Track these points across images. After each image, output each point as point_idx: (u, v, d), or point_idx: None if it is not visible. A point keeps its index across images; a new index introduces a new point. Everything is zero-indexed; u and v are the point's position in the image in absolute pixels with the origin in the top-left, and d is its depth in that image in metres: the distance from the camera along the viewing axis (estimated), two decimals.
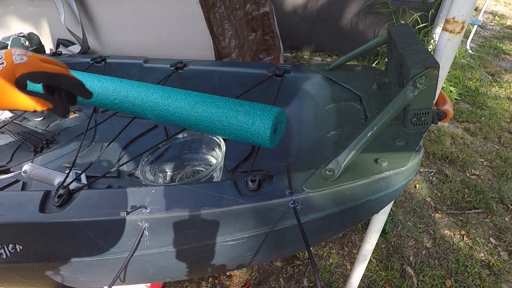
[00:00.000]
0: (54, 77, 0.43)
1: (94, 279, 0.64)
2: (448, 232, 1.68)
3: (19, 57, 0.42)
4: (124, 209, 0.54)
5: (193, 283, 1.45)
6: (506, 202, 1.82)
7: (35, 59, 0.44)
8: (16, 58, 0.42)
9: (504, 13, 4.74)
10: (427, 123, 0.62)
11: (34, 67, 0.42)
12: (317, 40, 3.42)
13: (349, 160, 0.55)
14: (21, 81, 0.42)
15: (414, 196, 1.89)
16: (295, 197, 0.53)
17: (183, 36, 1.41)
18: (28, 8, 1.54)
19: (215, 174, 0.77)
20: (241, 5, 1.76)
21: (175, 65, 1.08)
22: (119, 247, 0.56)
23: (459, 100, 2.72)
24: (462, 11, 0.56)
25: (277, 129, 0.63)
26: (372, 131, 0.56)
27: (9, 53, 0.43)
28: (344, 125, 0.71)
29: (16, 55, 0.43)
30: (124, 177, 0.95)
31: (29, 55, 0.44)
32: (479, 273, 1.48)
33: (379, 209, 0.66)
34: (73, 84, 0.44)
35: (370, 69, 0.89)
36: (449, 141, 2.30)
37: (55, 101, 0.44)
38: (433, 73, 0.56)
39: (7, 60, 0.42)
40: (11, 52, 0.43)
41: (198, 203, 0.54)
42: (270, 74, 0.96)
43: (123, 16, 1.43)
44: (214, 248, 0.57)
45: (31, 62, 0.43)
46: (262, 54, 2.05)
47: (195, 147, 0.89)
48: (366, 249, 1.04)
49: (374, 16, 3.04)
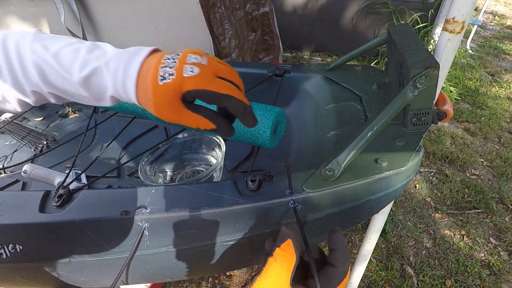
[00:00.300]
0: (220, 99, 0.37)
1: (94, 279, 0.64)
2: (448, 232, 1.68)
3: (190, 68, 0.37)
4: (124, 209, 0.54)
5: (193, 283, 1.45)
6: (506, 202, 1.82)
7: (208, 71, 0.38)
8: (186, 69, 0.37)
9: (504, 13, 4.74)
10: (427, 123, 0.62)
11: (203, 83, 0.37)
12: (317, 40, 3.42)
13: (349, 160, 0.55)
14: (187, 98, 0.38)
15: (414, 196, 1.89)
16: (295, 197, 0.53)
17: (183, 36, 1.41)
18: (28, 8, 1.53)
19: (215, 174, 0.77)
20: (241, 5, 1.76)
21: None
22: (119, 247, 0.56)
23: (459, 100, 2.72)
24: (462, 11, 0.56)
25: (277, 129, 0.63)
26: (372, 131, 0.56)
27: (183, 60, 0.37)
28: (344, 125, 0.71)
29: (188, 65, 0.37)
30: (124, 177, 0.95)
31: (204, 64, 0.38)
32: (479, 273, 1.48)
33: (379, 209, 0.66)
34: (240, 110, 0.38)
35: (370, 69, 0.89)
36: (449, 141, 2.30)
37: (220, 123, 0.40)
38: (433, 73, 0.56)
39: (177, 71, 0.37)
40: (185, 59, 0.38)
41: (198, 203, 0.54)
42: (270, 74, 0.96)
43: (123, 16, 1.43)
44: (214, 248, 0.57)
45: (201, 76, 0.37)
46: (261, 54, 2.06)
47: (195, 147, 0.89)
48: (366, 249, 1.04)
49: (374, 16, 3.04)
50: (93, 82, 0.40)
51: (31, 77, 0.41)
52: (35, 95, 0.43)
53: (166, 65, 0.37)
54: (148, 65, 0.38)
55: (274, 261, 0.37)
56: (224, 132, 0.41)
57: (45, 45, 0.40)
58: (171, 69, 0.37)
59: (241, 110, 0.38)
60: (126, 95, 0.40)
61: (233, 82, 0.39)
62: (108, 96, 0.41)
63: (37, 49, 0.40)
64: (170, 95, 0.37)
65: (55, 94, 0.43)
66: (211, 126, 0.39)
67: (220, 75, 0.39)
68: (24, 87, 0.42)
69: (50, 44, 0.41)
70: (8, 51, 0.40)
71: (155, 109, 0.38)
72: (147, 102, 0.39)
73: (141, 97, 0.39)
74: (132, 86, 0.38)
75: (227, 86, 0.38)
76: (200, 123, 0.39)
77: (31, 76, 0.41)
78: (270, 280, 0.36)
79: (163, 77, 0.37)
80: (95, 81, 0.40)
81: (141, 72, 0.38)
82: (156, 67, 0.37)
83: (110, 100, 0.42)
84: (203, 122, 0.39)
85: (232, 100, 0.37)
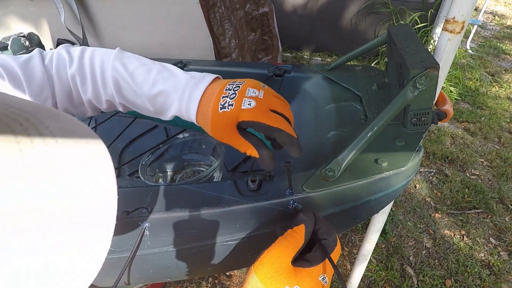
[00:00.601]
0: (271, 131, 0.42)
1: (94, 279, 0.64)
2: (448, 232, 1.68)
3: (247, 101, 0.43)
4: (125, 209, 0.54)
5: (193, 283, 1.45)
6: (506, 202, 1.82)
7: (263, 105, 0.43)
8: (244, 102, 0.43)
9: (504, 13, 4.74)
10: (427, 123, 0.62)
11: (257, 116, 0.42)
12: (317, 40, 3.42)
13: (349, 160, 0.55)
14: (241, 126, 0.43)
15: (414, 196, 1.89)
16: (295, 197, 0.53)
17: (183, 36, 1.41)
18: (28, 8, 1.54)
19: (215, 174, 0.77)
20: (241, 5, 1.76)
21: (175, 65, 1.08)
22: (120, 246, 0.56)
23: (459, 100, 2.72)
24: (462, 11, 0.56)
25: None
26: (372, 131, 0.56)
27: (242, 93, 0.43)
28: (344, 125, 0.71)
29: (247, 98, 0.43)
30: (125, 177, 0.95)
31: (260, 98, 0.43)
32: (479, 273, 1.48)
33: (379, 209, 0.66)
34: (287, 142, 0.43)
35: (370, 69, 0.89)
36: (449, 141, 2.30)
37: (263, 155, 0.44)
38: (433, 73, 0.56)
39: (236, 102, 0.43)
40: (244, 93, 0.43)
41: (199, 203, 0.54)
42: (270, 74, 0.96)
43: (123, 16, 1.43)
44: (214, 248, 0.57)
45: (257, 109, 0.42)
46: (260, 54, 2.06)
47: (195, 147, 0.89)
48: (366, 249, 1.04)
49: (374, 16, 3.04)
50: (159, 99, 0.47)
51: (108, 88, 0.49)
52: (108, 103, 0.51)
53: (227, 95, 0.43)
54: (211, 92, 0.45)
55: (284, 239, 0.41)
56: (265, 163, 0.45)
57: (124, 63, 0.48)
58: (231, 100, 0.43)
59: (289, 142, 0.43)
60: (188, 114, 0.46)
61: (284, 115, 0.45)
62: (171, 113, 0.48)
63: (117, 66, 0.47)
64: (227, 122, 0.43)
65: (124, 105, 0.51)
66: (255, 155, 0.44)
67: (273, 108, 0.44)
68: (101, 96, 0.49)
69: (128, 62, 0.48)
70: (94, 66, 0.48)
71: (212, 131, 0.45)
72: (205, 124, 0.45)
73: (200, 118, 0.45)
74: (195, 108, 0.45)
75: (278, 120, 0.43)
76: (248, 149, 0.45)
77: (108, 88, 0.48)
78: (275, 254, 0.40)
79: (223, 106, 0.43)
80: (162, 99, 0.47)
81: (204, 98, 0.45)
82: (218, 96, 0.44)
83: (171, 117, 0.49)
84: (251, 149, 0.44)
85: (281, 133, 0.42)
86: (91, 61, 0.48)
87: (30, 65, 0.47)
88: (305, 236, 0.42)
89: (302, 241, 0.42)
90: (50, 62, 0.49)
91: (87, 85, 0.49)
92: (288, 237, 0.42)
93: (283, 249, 0.40)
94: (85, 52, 0.49)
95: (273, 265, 0.39)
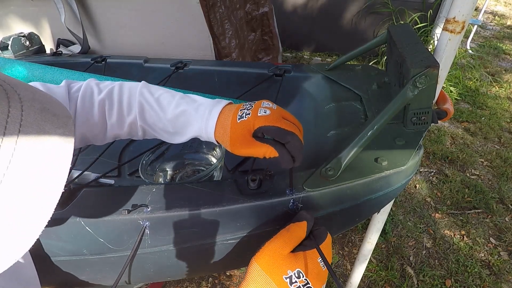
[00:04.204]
0: (285, 135, 0.45)
1: (95, 277, 0.64)
2: (448, 232, 1.68)
3: (263, 110, 0.47)
4: (126, 207, 0.54)
5: (193, 283, 1.45)
6: (506, 202, 1.82)
7: (277, 113, 0.48)
8: (260, 110, 0.47)
9: (504, 13, 4.74)
10: (427, 122, 0.62)
11: (273, 121, 0.46)
12: (317, 40, 3.42)
13: (349, 159, 0.55)
14: (257, 133, 0.47)
15: (414, 196, 1.89)
16: (295, 196, 0.53)
17: (183, 36, 1.41)
18: (28, 8, 1.54)
19: (215, 173, 0.77)
20: (241, 5, 1.76)
21: (176, 65, 1.08)
22: (120, 245, 0.56)
23: (459, 100, 2.72)
24: (463, 11, 0.56)
25: None
26: (372, 131, 0.56)
27: (258, 105, 0.49)
28: (344, 124, 0.71)
29: (262, 108, 0.48)
30: (125, 176, 0.95)
31: (274, 108, 0.48)
32: (479, 273, 1.48)
33: (379, 208, 0.67)
34: (298, 147, 0.46)
35: (370, 69, 0.89)
36: (449, 141, 2.30)
37: (283, 153, 0.47)
38: (433, 72, 0.56)
39: (253, 111, 0.47)
40: (260, 104, 0.49)
41: (199, 202, 0.54)
42: (270, 74, 0.96)
43: (124, 16, 1.43)
44: (214, 246, 0.57)
45: (272, 116, 0.47)
46: (260, 54, 2.06)
47: (195, 147, 0.89)
48: (366, 249, 1.04)
49: (374, 16, 3.04)
50: (181, 119, 0.52)
51: (133, 111, 0.53)
52: (129, 127, 0.54)
53: (244, 108, 0.49)
54: (229, 109, 0.50)
55: (286, 231, 0.44)
56: (285, 160, 0.47)
57: (151, 90, 0.54)
58: (248, 111, 0.48)
59: (299, 147, 0.46)
60: (206, 131, 0.51)
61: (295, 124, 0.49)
62: (191, 132, 0.52)
63: (144, 92, 0.53)
64: (244, 130, 0.47)
65: (144, 128, 0.54)
66: (275, 154, 0.47)
67: (285, 117, 0.48)
68: (124, 119, 0.54)
69: (154, 90, 0.54)
70: (123, 93, 0.54)
71: (230, 142, 0.48)
72: (224, 137, 0.49)
73: (219, 132, 0.50)
74: (213, 124, 0.50)
75: (292, 126, 0.47)
76: (266, 152, 0.47)
77: (133, 111, 0.53)
78: (277, 244, 0.42)
79: (240, 116, 0.48)
80: (183, 119, 0.51)
81: (222, 114, 0.50)
82: (236, 111, 0.49)
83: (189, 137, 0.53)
84: (269, 150, 0.47)
85: (294, 136, 0.46)
86: (120, 89, 0.54)
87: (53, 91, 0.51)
88: (306, 232, 0.45)
89: (303, 235, 0.44)
90: (77, 90, 0.53)
91: (114, 110, 0.53)
92: (291, 229, 0.44)
93: (285, 240, 0.43)
94: (115, 84, 0.55)
95: (274, 254, 0.41)
